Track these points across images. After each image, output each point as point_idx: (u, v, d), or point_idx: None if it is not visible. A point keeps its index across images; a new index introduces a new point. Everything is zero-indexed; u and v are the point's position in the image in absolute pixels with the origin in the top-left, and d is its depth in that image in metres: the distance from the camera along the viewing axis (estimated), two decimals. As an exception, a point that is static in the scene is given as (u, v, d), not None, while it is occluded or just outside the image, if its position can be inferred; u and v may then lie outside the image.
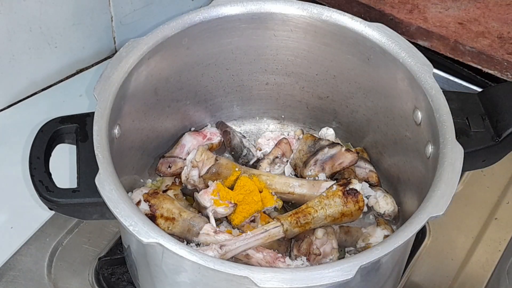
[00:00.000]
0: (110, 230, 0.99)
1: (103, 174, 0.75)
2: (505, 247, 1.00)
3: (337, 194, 0.88)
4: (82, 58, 1.19)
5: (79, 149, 0.82)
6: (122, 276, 0.94)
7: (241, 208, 0.89)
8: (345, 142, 1.04)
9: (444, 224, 1.01)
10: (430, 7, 1.21)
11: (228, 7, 0.92)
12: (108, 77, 0.84)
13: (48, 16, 1.08)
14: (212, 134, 1.02)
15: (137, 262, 0.85)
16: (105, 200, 0.73)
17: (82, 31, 1.15)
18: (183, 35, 0.91)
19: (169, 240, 0.70)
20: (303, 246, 0.87)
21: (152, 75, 0.91)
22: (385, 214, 0.94)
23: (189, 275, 0.75)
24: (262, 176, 0.93)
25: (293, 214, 0.86)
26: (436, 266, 0.98)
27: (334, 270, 0.69)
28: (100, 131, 0.79)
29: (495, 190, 1.07)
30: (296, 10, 0.93)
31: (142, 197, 0.87)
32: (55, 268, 0.95)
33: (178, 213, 0.86)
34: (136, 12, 1.20)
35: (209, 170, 0.92)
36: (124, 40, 1.10)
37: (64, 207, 0.79)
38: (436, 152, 0.81)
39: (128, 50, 0.87)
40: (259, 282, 0.68)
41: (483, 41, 1.15)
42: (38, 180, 0.79)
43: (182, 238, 0.86)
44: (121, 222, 0.72)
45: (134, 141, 0.92)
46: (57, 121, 0.84)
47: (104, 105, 0.81)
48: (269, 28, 0.95)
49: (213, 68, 0.99)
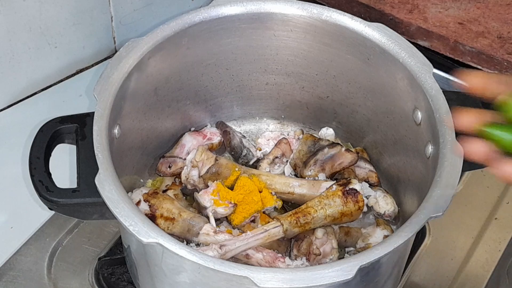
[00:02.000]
0: (110, 230, 0.99)
1: (103, 174, 0.75)
2: (505, 247, 1.00)
3: (337, 194, 0.88)
4: (82, 58, 1.19)
5: (79, 149, 0.82)
6: (122, 276, 0.94)
7: (241, 208, 0.89)
8: (345, 142, 1.04)
9: (444, 224, 1.01)
10: (430, 7, 1.21)
11: (228, 7, 0.92)
12: (108, 77, 0.84)
13: (48, 16, 1.08)
14: (212, 134, 1.02)
15: (137, 262, 0.85)
16: (105, 200, 0.73)
17: (82, 31, 1.15)
18: (183, 35, 0.91)
19: (169, 240, 0.70)
20: (303, 246, 0.87)
21: (152, 75, 0.91)
22: (385, 214, 0.94)
23: (189, 275, 0.75)
24: (262, 176, 0.93)
25: (293, 214, 0.86)
26: (436, 266, 0.98)
27: (334, 270, 0.69)
28: (100, 131, 0.79)
29: (495, 190, 1.07)
30: (296, 10, 0.93)
31: (142, 197, 0.87)
32: (55, 268, 0.95)
33: (178, 213, 0.86)
34: (136, 12, 1.20)
35: (209, 170, 0.92)
36: (124, 40, 1.10)
37: (64, 207, 0.79)
38: (436, 152, 0.81)
39: (128, 50, 0.87)
40: (259, 282, 0.68)
41: (483, 41, 1.15)
42: (38, 180, 0.79)
43: (182, 238, 0.86)
44: (121, 222, 0.72)
45: (134, 141, 0.92)
46: (57, 121, 0.84)
47: (104, 105, 0.81)
48: (269, 28, 0.95)
49: (213, 68, 0.99)
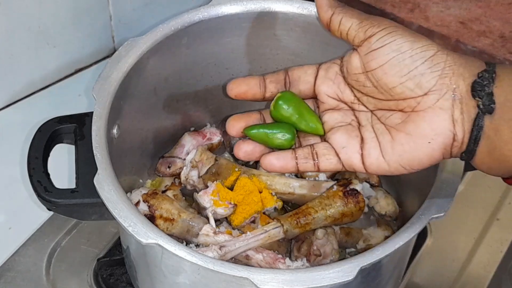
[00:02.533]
0: (109, 230, 0.99)
1: (102, 174, 0.75)
2: (507, 248, 1.00)
3: (337, 194, 0.87)
4: (81, 57, 1.18)
5: (78, 149, 0.82)
6: (121, 277, 0.94)
7: (241, 209, 0.89)
8: (346, 142, 1.03)
9: (445, 225, 1.01)
10: (431, 6, 1.20)
11: (228, 6, 0.92)
12: (107, 77, 0.83)
13: (46, 15, 1.08)
14: (212, 134, 1.02)
15: (136, 263, 0.85)
16: (104, 200, 0.73)
17: (81, 31, 1.15)
18: (183, 34, 0.91)
19: (168, 240, 0.70)
20: (303, 247, 0.87)
21: (152, 74, 0.90)
22: (386, 215, 0.93)
23: (188, 276, 0.75)
24: (262, 177, 0.92)
25: (293, 215, 0.86)
26: (437, 267, 0.98)
27: (334, 271, 0.69)
28: (99, 131, 0.79)
29: (496, 190, 1.07)
30: (296, 9, 0.93)
31: (141, 198, 0.87)
32: (53, 269, 0.95)
33: (177, 214, 0.86)
34: (135, 11, 1.19)
35: (209, 170, 0.92)
36: (123, 39, 1.10)
37: (63, 208, 0.79)
38: (438, 152, 0.81)
39: (127, 50, 0.86)
40: (259, 283, 0.67)
41: (484, 41, 1.15)
42: (36, 180, 0.79)
43: (182, 239, 0.86)
44: (120, 223, 0.72)
45: (133, 141, 0.92)
46: (56, 121, 0.84)
47: (103, 105, 0.81)
48: (269, 27, 0.95)
49: (213, 68, 0.98)
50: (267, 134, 0.73)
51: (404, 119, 0.67)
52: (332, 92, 0.74)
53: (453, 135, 0.65)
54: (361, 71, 0.69)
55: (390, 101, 0.68)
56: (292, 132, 0.73)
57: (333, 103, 0.74)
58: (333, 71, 0.74)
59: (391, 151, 0.68)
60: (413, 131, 0.66)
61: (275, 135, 0.72)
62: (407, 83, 0.66)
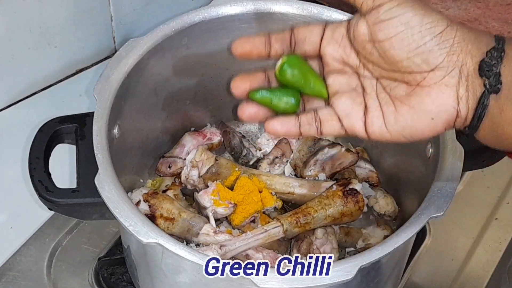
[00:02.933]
0: (109, 230, 0.99)
1: (103, 174, 0.75)
2: (506, 247, 1.00)
3: (337, 194, 0.87)
4: (81, 57, 1.19)
5: (79, 149, 0.82)
6: (122, 277, 0.94)
7: (241, 208, 0.89)
8: (345, 142, 1.03)
9: (444, 224, 1.01)
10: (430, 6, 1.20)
11: (228, 6, 0.92)
12: (107, 77, 0.84)
13: (47, 15, 1.08)
14: (212, 134, 1.02)
15: (137, 262, 0.85)
16: (105, 200, 0.73)
17: (81, 31, 1.15)
18: (183, 34, 0.91)
19: (168, 240, 0.70)
20: (303, 246, 0.87)
21: (152, 75, 0.91)
22: (385, 214, 0.94)
23: (188, 275, 0.75)
24: (262, 176, 0.93)
25: (293, 214, 0.86)
26: (436, 267, 0.98)
27: (334, 270, 0.69)
28: (99, 131, 0.79)
29: (495, 190, 1.07)
30: (296, 10, 0.93)
31: (141, 197, 0.87)
32: (54, 268, 0.95)
33: (177, 213, 0.86)
34: (136, 12, 1.20)
35: (209, 170, 0.92)
36: (124, 40, 1.10)
37: (64, 207, 0.79)
38: (437, 152, 0.81)
39: (128, 50, 0.86)
40: (259, 282, 0.67)
41: (483, 41, 1.15)
42: (37, 180, 0.79)
43: (182, 238, 0.86)
44: (121, 222, 0.72)
45: (133, 141, 0.92)
46: (57, 121, 0.84)
47: (103, 105, 0.81)
48: (269, 28, 0.95)
49: (213, 68, 0.98)
50: (271, 99, 0.71)
51: (409, 92, 0.66)
52: (338, 55, 0.71)
53: (456, 112, 0.64)
54: (367, 39, 0.67)
55: (396, 73, 0.67)
56: (297, 97, 0.72)
57: (338, 66, 0.72)
58: (339, 33, 0.71)
59: (394, 122, 0.67)
60: (416, 106, 0.65)
61: (280, 101, 0.71)
62: (414, 58, 0.64)
